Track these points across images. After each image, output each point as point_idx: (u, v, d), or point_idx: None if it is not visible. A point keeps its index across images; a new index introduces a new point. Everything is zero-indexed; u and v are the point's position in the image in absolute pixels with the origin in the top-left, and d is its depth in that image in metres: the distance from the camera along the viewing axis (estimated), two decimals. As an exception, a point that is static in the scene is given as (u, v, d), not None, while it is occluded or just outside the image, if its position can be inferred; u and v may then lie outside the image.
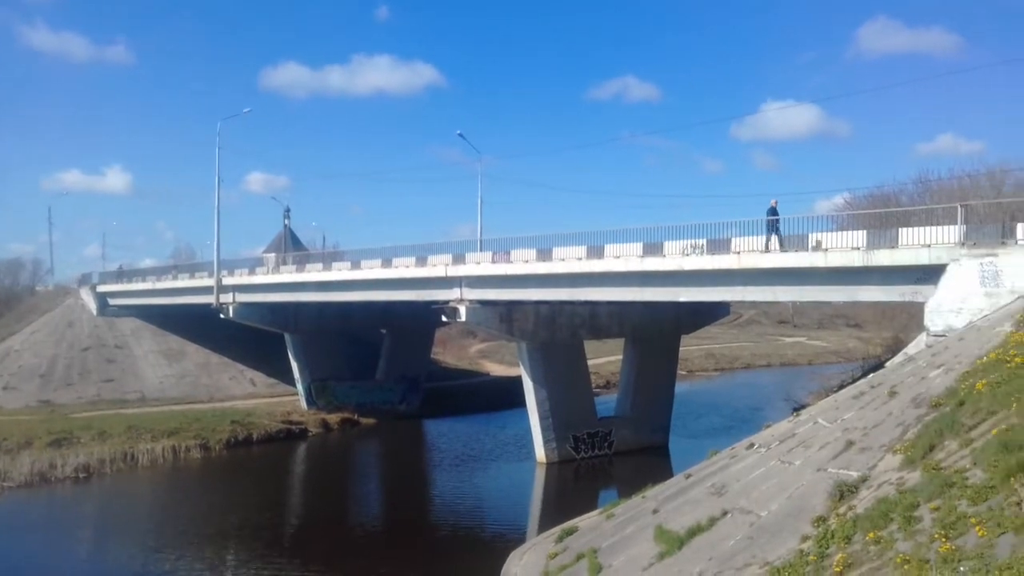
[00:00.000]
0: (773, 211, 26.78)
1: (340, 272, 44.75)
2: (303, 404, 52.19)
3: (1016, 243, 20.37)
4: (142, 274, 63.81)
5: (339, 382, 53.34)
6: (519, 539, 23.95)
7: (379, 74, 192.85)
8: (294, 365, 52.78)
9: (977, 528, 8.09)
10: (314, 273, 46.54)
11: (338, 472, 42.16)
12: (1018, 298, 18.68)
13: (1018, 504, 8.10)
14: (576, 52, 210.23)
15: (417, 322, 53.33)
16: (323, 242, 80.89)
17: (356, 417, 51.68)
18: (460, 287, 37.77)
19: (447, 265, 38.01)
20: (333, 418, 50.50)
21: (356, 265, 44.02)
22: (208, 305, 51.41)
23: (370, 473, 44.19)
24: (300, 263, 49.85)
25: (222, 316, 51.16)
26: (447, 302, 38.31)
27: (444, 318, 39.26)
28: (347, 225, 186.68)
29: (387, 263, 41.71)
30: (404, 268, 40.43)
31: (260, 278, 50.09)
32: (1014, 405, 11.19)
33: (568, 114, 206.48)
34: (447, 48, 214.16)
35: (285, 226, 63.21)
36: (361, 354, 55.80)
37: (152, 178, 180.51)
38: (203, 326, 56.56)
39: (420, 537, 29.02)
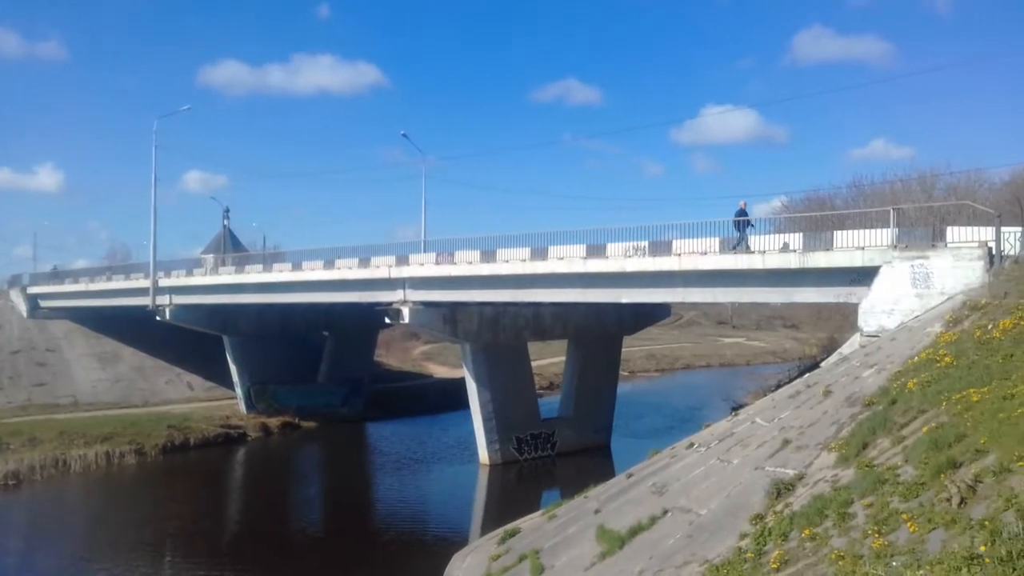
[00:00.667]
0: (742, 212, 27.04)
1: (281, 274, 44.01)
2: (242, 408, 51.22)
3: (946, 246, 20.94)
4: (75, 275, 61.73)
5: (279, 385, 52.43)
6: (462, 541, 23.85)
7: (321, 73, 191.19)
8: (233, 368, 51.81)
9: (909, 524, 8.22)
10: (254, 275, 45.68)
11: (278, 477, 41.47)
12: (948, 299, 19.20)
13: (948, 500, 8.28)
14: (519, 54, 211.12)
15: (360, 324, 52.89)
16: (264, 243, 79.45)
17: (297, 420, 50.87)
18: (404, 288, 37.50)
19: (390, 267, 37.71)
20: (273, 422, 49.64)
21: (298, 267, 43.38)
22: (144, 307, 50.21)
23: (311, 477, 43.56)
24: (240, 264, 48.95)
25: (158, 318, 50.02)
26: (390, 304, 38.00)
27: (387, 320, 38.95)
28: (289, 226, 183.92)
29: (329, 264, 41.15)
30: (347, 270, 39.93)
31: (198, 280, 49.07)
32: (944, 404, 11.49)
33: (511, 116, 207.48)
34: (390, 48, 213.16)
35: (224, 226, 61.95)
36: (302, 357, 54.93)
37: (86, 177, 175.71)
38: (139, 329, 55.18)
39: (362, 541, 28.73)
